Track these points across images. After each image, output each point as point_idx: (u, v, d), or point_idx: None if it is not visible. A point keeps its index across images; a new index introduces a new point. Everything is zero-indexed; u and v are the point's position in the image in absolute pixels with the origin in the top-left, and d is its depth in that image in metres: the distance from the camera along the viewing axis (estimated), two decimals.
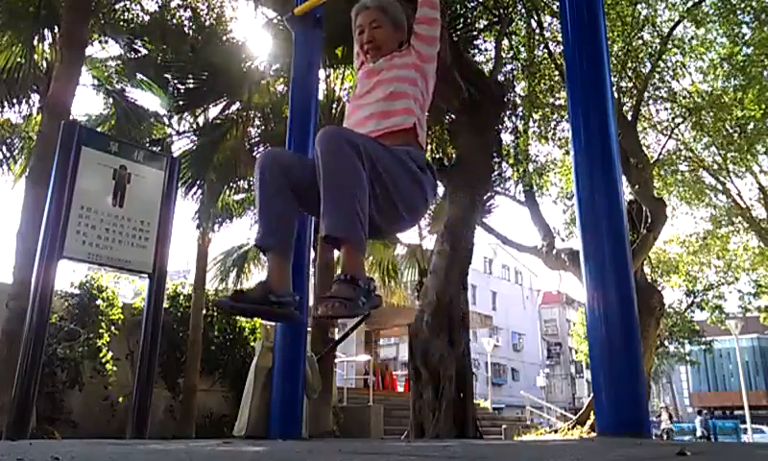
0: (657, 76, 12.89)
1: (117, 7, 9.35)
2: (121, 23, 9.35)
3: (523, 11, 11.27)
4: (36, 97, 8.49)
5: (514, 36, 11.96)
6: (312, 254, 8.60)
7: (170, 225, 5.07)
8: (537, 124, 13.10)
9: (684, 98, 13.58)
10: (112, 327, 8.36)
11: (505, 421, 16.81)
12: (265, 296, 1.92)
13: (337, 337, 9.25)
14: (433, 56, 2.34)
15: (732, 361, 34.05)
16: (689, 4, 11.99)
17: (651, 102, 13.83)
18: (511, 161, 12.77)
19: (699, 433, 21.89)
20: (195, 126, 10.08)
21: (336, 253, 9.79)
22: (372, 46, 2.35)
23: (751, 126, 12.98)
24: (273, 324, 4.43)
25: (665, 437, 18.26)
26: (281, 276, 1.98)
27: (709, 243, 17.61)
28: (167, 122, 10.11)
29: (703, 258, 18.38)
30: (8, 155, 9.18)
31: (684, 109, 13.48)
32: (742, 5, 11.72)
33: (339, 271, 1.86)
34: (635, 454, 1.67)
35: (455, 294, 7.98)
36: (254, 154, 9.97)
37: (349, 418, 10.93)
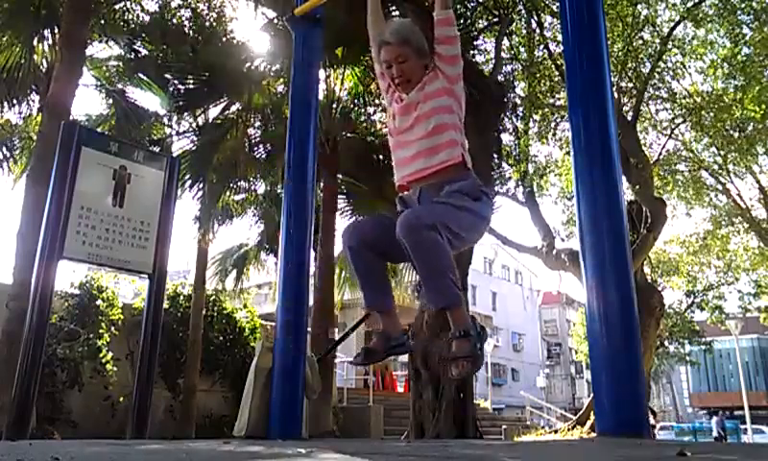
0: (657, 76, 12.88)
1: (117, 7, 9.34)
2: (121, 23, 9.34)
3: (523, 11, 11.27)
4: (36, 97, 8.49)
5: (514, 37, 11.96)
6: (312, 254, 8.60)
7: (170, 225, 5.07)
8: (537, 124, 13.10)
9: (684, 98, 13.58)
10: (112, 328, 8.36)
11: (505, 421, 16.80)
12: (388, 344, 2.35)
13: (337, 338, 9.24)
14: (459, 74, 2.42)
15: (732, 361, 34.04)
16: (689, 4, 11.98)
17: (651, 102, 13.82)
18: (511, 162, 12.77)
19: (715, 434, 21.60)
20: (195, 126, 10.08)
21: (337, 252, 9.81)
22: (402, 80, 2.41)
23: (751, 126, 12.98)
24: (272, 324, 4.44)
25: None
26: (393, 323, 2.37)
27: (709, 243, 17.61)
28: (167, 122, 10.11)
29: (703, 259, 18.37)
30: (8, 155, 9.17)
31: (684, 110, 13.48)
32: (742, 5, 11.71)
33: (452, 328, 2.14)
34: (635, 454, 1.67)
35: None
36: (254, 154, 9.97)
37: (349, 418, 10.93)
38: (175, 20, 9.88)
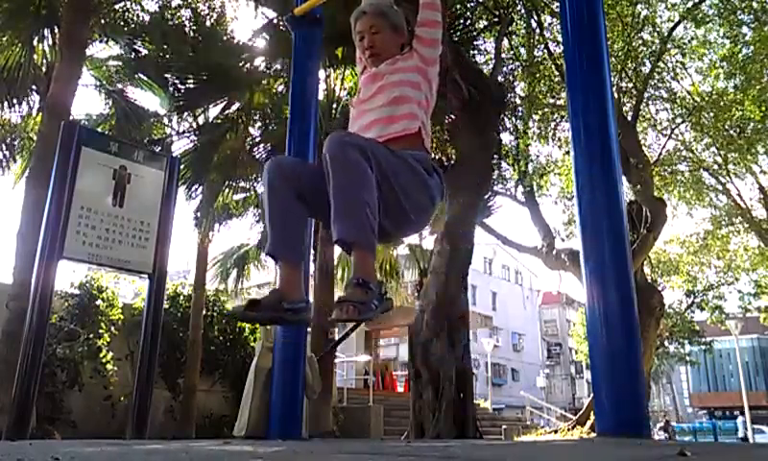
0: (657, 76, 12.89)
1: (117, 7, 9.34)
2: (121, 23, 9.34)
3: (523, 11, 11.27)
4: (36, 97, 8.49)
5: (514, 37, 11.96)
6: (312, 254, 8.60)
7: (170, 225, 5.07)
8: (537, 124, 13.10)
9: (684, 98, 13.57)
10: (112, 328, 8.36)
11: (505, 421, 16.80)
12: (278, 303, 1.95)
13: (337, 338, 9.25)
14: (435, 58, 2.34)
15: (732, 361, 34.03)
16: (689, 4, 11.98)
17: (651, 102, 13.83)
18: (511, 162, 12.77)
19: (741, 434, 21.33)
20: (195, 126, 10.08)
21: (336, 253, 9.80)
22: (373, 51, 2.35)
23: (751, 126, 12.98)
24: None
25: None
26: (293, 283, 2.01)
27: (710, 243, 17.60)
28: (167, 122, 10.11)
29: (703, 259, 18.36)
30: (8, 155, 9.18)
31: (683, 110, 13.48)
32: (742, 5, 11.71)
33: (352, 273, 1.87)
34: (635, 454, 1.67)
35: (455, 294, 7.98)
36: (254, 154, 9.97)
37: (349, 418, 10.92)
38: (175, 20, 9.88)
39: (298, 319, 2.03)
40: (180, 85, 9.18)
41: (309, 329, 6.22)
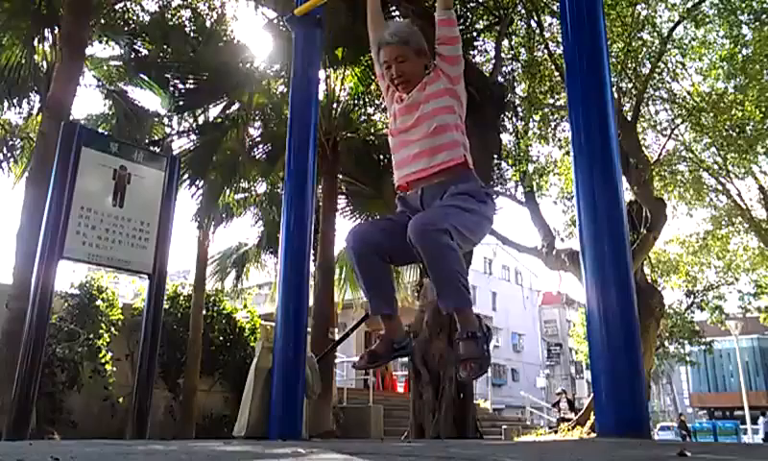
0: (656, 76, 12.87)
1: (117, 7, 9.34)
2: (121, 23, 9.34)
3: (523, 11, 11.27)
4: (36, 97, 8.49)
5: (514, 37, 11.96)
6: (312, 254, 8.60)
7: (170, 225, 5.07)
8: (537, 124, 13.09)
9: (684, 99, 13.57)
10: (112, 328, 8.35)
11: (505, 421, 16.79)
12: (391, 347, 2.39)
13: (337, 338, 9.24)
14: (460, 74, 2.43)
15: (732, 362, 33.99)
16: (689, 4, 11.98)
17: (651, 102, 13.81)
18: (511, 162, 12.76)
19: (762, 435, 21.13)
20: (195, 126, 10.08)
21: (335, 254, 9.81)
22: (402, 80, 2.42)
23: (750, 127, 12.97)
24: (272, 325, 4.44)
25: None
26: (396, 327, 2.41)
27: (709, 243, 17.59)
28: (167, 122, 10.11)
29: (703, 259, 18.35)
30: (8, 155, 9.18)
31: (683, 110, 13.47)
32: (742, 5, 11.71)
33: (459, 329, 2.18)
34: (635, 454, 1.67)
35: None
36: (255, 154, 9.97)
37: (349, 418, 10.92)
38: (175, 20, 9.88)
39: (406, 352, 2.49)
40: (180, 85, 9.18)
41: (309, 330, 6.22)
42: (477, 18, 10.56)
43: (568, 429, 13.62)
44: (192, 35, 9.68)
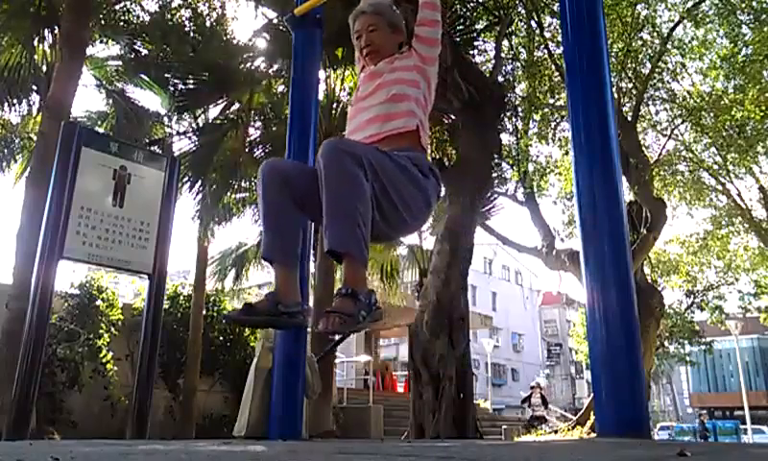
0: (656, 77, 12.88)
1: (117, 7, 9.35)
2: (121, 23, 9.35)
3: (523, 11, 11.27)
4: (36, 97, 8.50)
5: (514, 37, 11.96)
6: (312, 255, 8.60)
7: (170, 225, 5.07)
8: (537, 124, 13.09)
9: (684, 99, 13.57)
10: (112, 328, 8.36)
11: (505, 421, 16.81)
12: (274, 307, 1.96)
13: (337, 338, 9.25)
14: (434, 57, 2.34)
15: (732, 362, 34.00)
16: (689, 4, 11.98)
17: (651, 102, 13.82)
18: (511, 162, 12.77)
19: None
20: (195, 126, 10.09)
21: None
22: (371, 49, 2.35)
23: (750, 127, 12.97)
24: None
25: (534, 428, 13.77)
26: (289, 286, 2.02)
27: (709, 243, 17.59)
28: (167, 122, 10.12)
29: (703, 259, 18.36)
30: (8, 155, 9.18)
31: (683, 110, 13.47)
32: (742, 5, 11.71)
33: (342, 283, 1.86)
34: (635, 454, 1.67)
35: (455, 294, 7.98)
36: (255, 154, 9.98)
37: (349, 418, 10.93)
38: (175, 20, 9.88)
39: (294, 322, 2.03)
40: (180, 85, 9.19)
41: (309, 330, 6.23)
42: (477, 18, 10.56)
43: (568, 429, 13.62)
44: (192, 35, 9.69)
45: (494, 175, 11.56)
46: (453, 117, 9.20)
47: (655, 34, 12.49)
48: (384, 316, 1.96)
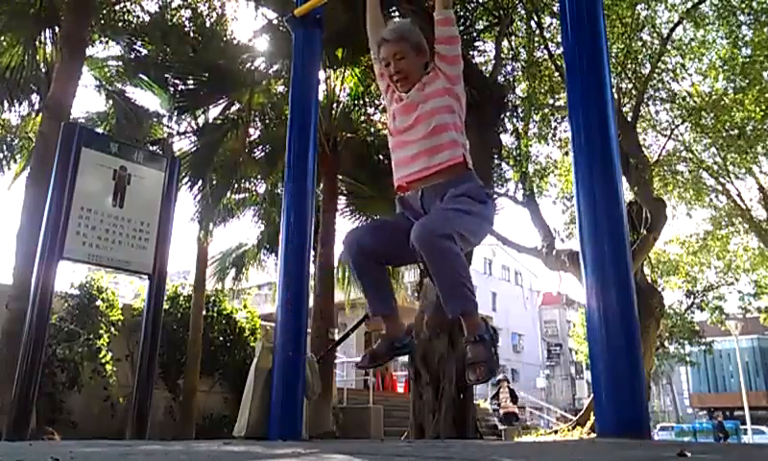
0: (656, 77, 12.88)
1: (117, 7, 9.34)
2: (121, 23, 9.35)
3: (523, 12, 11.27)
4: (36, 97, 8.49)
5: (514, 38, 11.96)
6: (312, 255, 8.60)
7: (170, 226, 5.07)
8: (537, 125, 13.09)
9: (684, 99, 13.57)
10: (112, 328, 8.36)
11: None
12: (392, 346, 2.41)
13: (337, 338, 9.24)
14: (460, 75, 2.41)
15: (732, 362, 33.99)
16: (689, 5, 11.98)
17: (651, 103, 13.82)
18: (511, 162, 12.76)
19: None
20: (195, 126, 10.08)
21: (336, 257, 9.81)
22: (401, 77, 2.40)
23: (750, 127, 12.97)
24: (272, 325, 4.45)
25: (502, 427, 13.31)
26: (397, 327, 2.43)
27: (709, 244, 17.59)
28: (167, 122, 10.12)
29: (703, 259, 18.36)
30: (8, 155, 9.18)
31: (683, 111, 13.47)
32: (742, 5, 11.71)
33: (466, 333, 2.17)
34: (635, 454, 1.67)
35: None
36: (255, 154, 9.97)
37: (349, 418, 10.92)
38: (175, 20, 9.88)
39: (406, 351, 2.49)
40: (180, 86, 9.18)
41: (309, 330, 6.23)
42: (477, 19, 10.56)
43: (568, 430, 13.61)
44: (192, 35, 9.68)
45: (494, 175, 11.56)
46: None
47: (655, 34, 12.49)
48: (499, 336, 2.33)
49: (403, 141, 2.37)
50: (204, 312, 9.64)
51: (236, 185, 10.09)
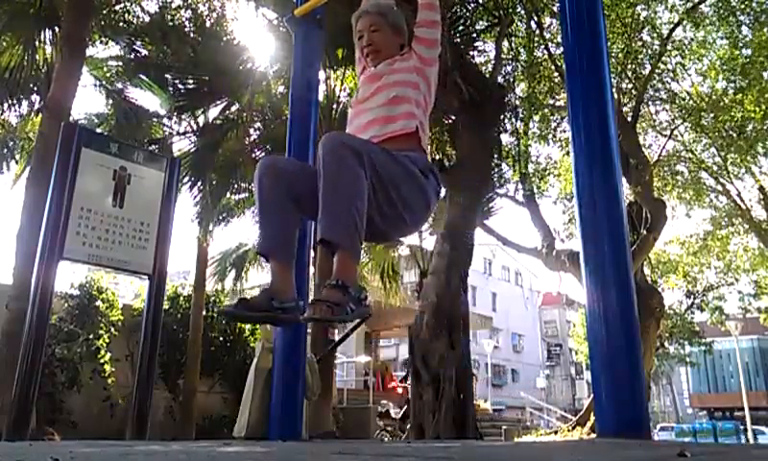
0: (656, 77, 12.89)
1: (117, 7, 9.35)
2: (121, 23, 9.35)
3: (523, 12, 11.27)
4: (36, 98, 8.49)
5: (514, 38, 11.96)
6: (312, 255, 8.60)
7: (170, 226, 5.07)
8: (537, 125, 13.10)
9: (684, 99, 13.58)
10: (112, 329, 8.36)
11: (505, 422, 16.80)
12: (269, 302, 1.95)
13: (337, 339, 9.25)
14: (434, 58, 2.35)
15: (732, 362, 33.98)
16: (689, 5, 11.98)
17: (651, 103, 13.82)
18: (511, 162, 12.77)
19: None
20: (195, 126, 10.09)
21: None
22: (372, 50, 2.35)
23: (750, 127, 12.98)
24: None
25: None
26: (284, 281, 2.01)
27: (709, 244, 17.59)
28: (167, 122, 10.12)
29: (703, 259, 18.36)
30: (8, 155, 9.18)
31: (683, 111, 13.48)
32: (742, 6, 11.72)
33: (332, 275, 1.83)
34: (635, 454, 1.67)
35: (455, 295, 7.97)
36: (254, 155, 9.97)
37: (349, 419, 10.93)
38: (175, 21, 9.88)
39: (288, 318, 2.00)
40: (179, 86, 9.19)
41: (309, 331, 6.22)
42: (477, 19, 10.56)
43: (568, 430, 13.62)
44: (192, 35, 9.68)
45: (494, 175, 11.56)
46: (453, 117, 9.20)
47: (655, 34, 12.49)
48: (371, 314, 1.95)
49: (361, 109, 2.26)
50: (204, 312, 9.64)
51: (236, 186, 10.09)
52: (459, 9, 9.52)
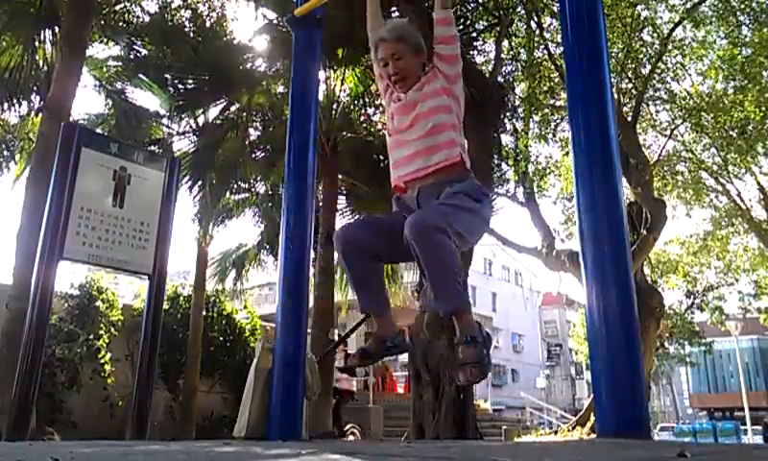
0: (656, 77, 12.88)
1: (117, 7, 9.34)
2: (121, 23, 9.35)
3: (523, 12, 11.27)
4: (36, 98, 8.49)
5: (514, 38, 11.96)
6: (312, 256, 8.59)
7: (170, 226, 5.07)
8: (537, 125, 13.09)
9: (684, 99, 13.57)
10: (112, 329, 8.36)
11: (505, 422, 16.80)
12: (383, 345, 2.33)
13: (337, 339, 9.24)
14: (458, 74, 2.40)
15: (732, 362, 33.99)
16: (689, 5, 11.98)
17: (651, 103, 13.82)
18: (511, 162, 12.76)
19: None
20: (195, 126, 10.08)
21: (336, 254, 9.80)
22: (399, 77, 2.40)
23: (750, 127, 12.97)
24: (272, 325, 4.45)
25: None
26: (387, 326, 2.35)
27: (709, 244, 17.59)
28: (167, 122, 10.12)
29: (703, 259, 18.35)
30: (8, 155, 9.17)
31: (683, 111, 13.47)
32: (742, 6, 11.72)
33: (458, 334, 2.10)
34: (635, 455, 1.67)
35: None
36: (254, 155, 9.97)
37: (349, 418, 10.92)
38: (175, 21, 9.88)
39: (398, 350, 2.41)
40: (179, 86, 9.18)
41: (309, 331, 6.22)
42: (477, 19, 10.56)
43: (568, 430, 13.62)
44: (192, 35, 9.68)
45: (494, 175, 11.55)
46: None
47: (655, 34, 12.49)
48: (493, 341, 2.16)
49: (401, 141, 2.36)
50: (203, 312, 9.64)
51: (236, 186, 10.09)
52: (459, 8, 9.53)
